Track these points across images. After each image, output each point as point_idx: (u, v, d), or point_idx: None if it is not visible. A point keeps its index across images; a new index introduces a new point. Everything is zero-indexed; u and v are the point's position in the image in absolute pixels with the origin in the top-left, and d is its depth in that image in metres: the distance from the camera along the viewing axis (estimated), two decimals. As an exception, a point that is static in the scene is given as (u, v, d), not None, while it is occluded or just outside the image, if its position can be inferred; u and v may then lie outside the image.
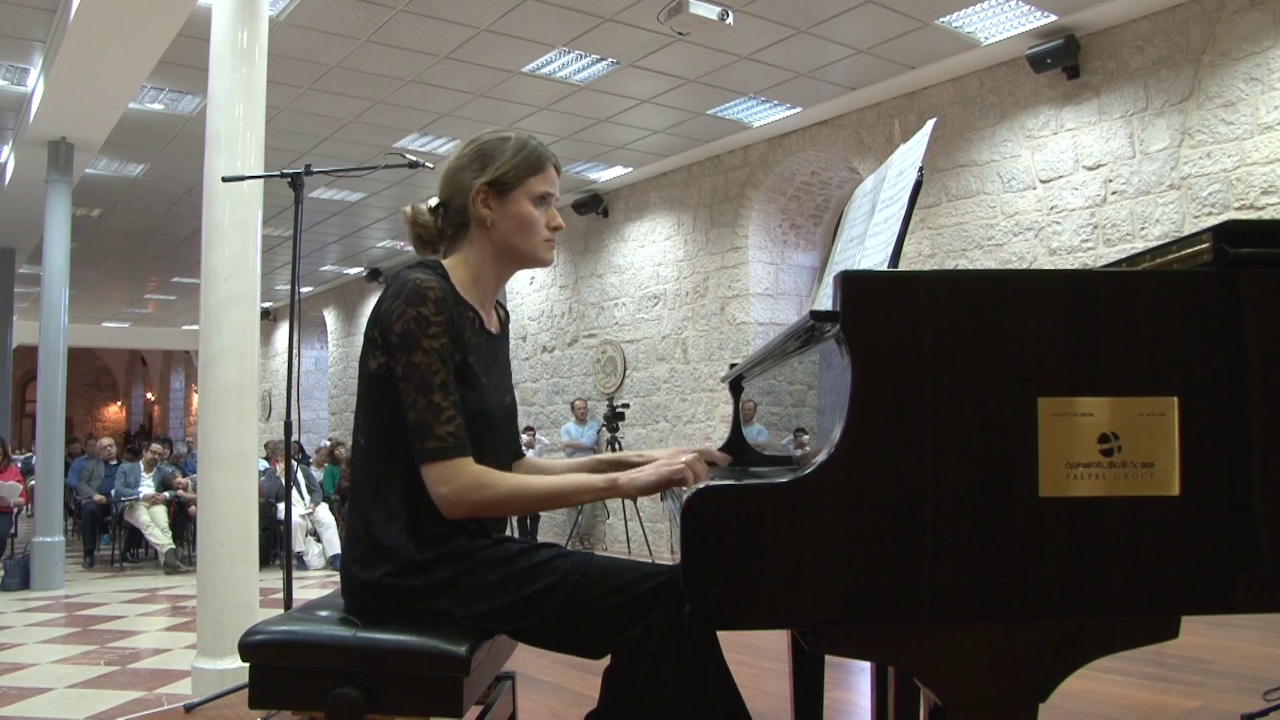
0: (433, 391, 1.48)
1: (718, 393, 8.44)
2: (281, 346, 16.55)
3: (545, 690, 3.68)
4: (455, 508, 1.48)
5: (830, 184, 8.42)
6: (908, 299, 1.14)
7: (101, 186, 9.11)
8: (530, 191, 1.62)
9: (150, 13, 5.15)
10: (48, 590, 6.93)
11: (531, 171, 1.62)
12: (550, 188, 1.65)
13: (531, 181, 1.62)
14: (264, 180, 3.81)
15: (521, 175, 1.62)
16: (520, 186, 1.62)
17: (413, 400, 1.48)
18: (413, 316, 1.49)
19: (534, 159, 1.63)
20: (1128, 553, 1.11)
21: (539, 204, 1.63)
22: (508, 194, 1.62)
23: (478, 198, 1.62)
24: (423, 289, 1.50)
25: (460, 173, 1.64)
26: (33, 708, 3.63)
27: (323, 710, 1.43)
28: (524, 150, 1.63)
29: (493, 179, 1.61)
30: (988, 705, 1.14)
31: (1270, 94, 5.21)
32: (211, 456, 3.73)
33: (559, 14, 5.71)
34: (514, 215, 1.62)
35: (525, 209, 1.62)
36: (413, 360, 1.49)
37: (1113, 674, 3.58)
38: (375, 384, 1.55)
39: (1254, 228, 1.15)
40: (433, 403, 1.48)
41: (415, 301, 1.49)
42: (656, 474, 1.46)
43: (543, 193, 1.63)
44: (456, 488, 1.47)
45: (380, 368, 1.54)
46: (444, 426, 1.48)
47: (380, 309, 1.54)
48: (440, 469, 1.47)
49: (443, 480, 1.47)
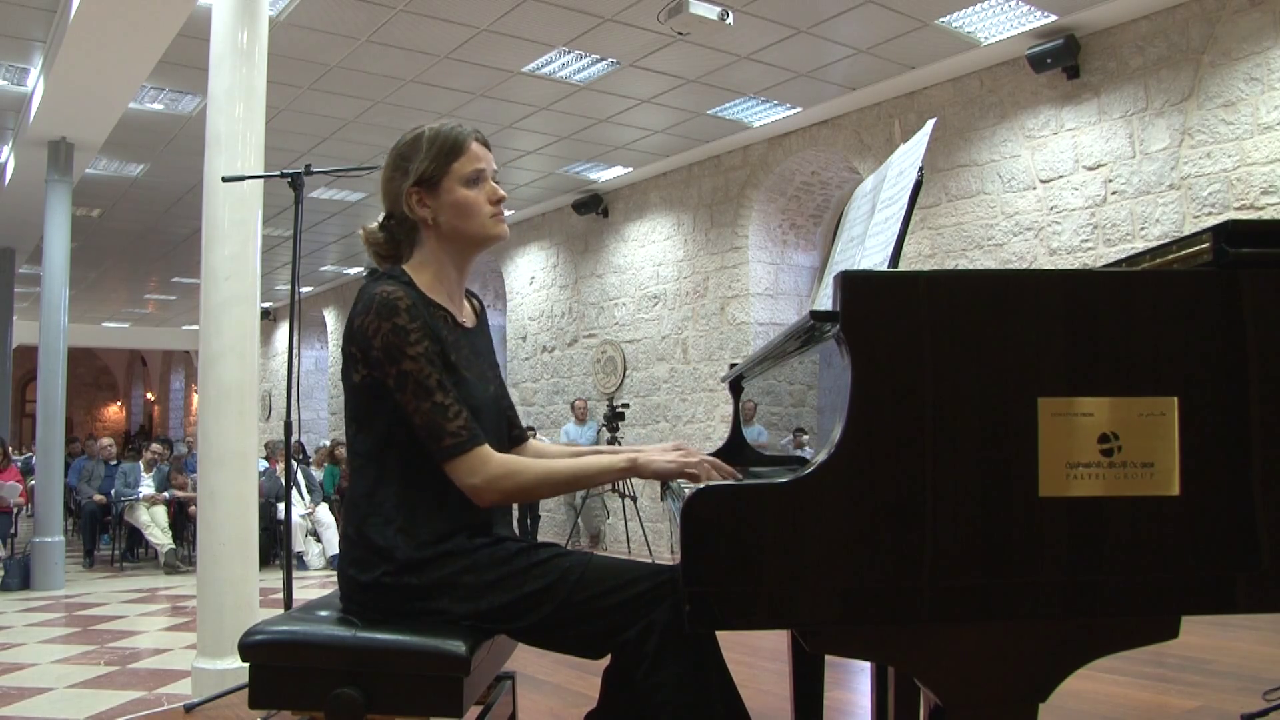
0: (432, 393, 1.49)
1: (718, 393, 8.44)
2: (281, 346, 16.55)
3: (545, 690, 3.68)
4: (487, 495, 1.50)
5: (830, 184, 8.42)
6: (908, 299, 1.14)
7: (101, 186, 9.11)
8: (458, 176, 1.62)
9: (150, 13, 5.15)
10: (48, 590, 6.93)
11: (452, 157, 1.62)
12: (478, 164, 1.63)
13: (455, 166, 1.62)
14: (264, 180, 3.81)
15: (443, 164, 1.61)
16: (447, 175, 1.62)
17: (415, 407, 1.49)
18: (389, 329, 1.50)
19: (450, 144, 1.62)
20: (1128, 553, 1.11)
21: (472, 184, 1.63)
22: (437, 186, 1.62)
23: (411, 200, 1.62)
24: (391, 301, 1.51)
25: (389, 183, 1.65)
26: (33, 708, 3.63)
27: (323, 710, 1.43)
28: (438, 140, 1.62)
29: (418, 178, 1.61)
30: (988, 705, 1.14)
31: (1270, 94, 5.21)
32: (211, 456, 3.73)
33: (559, 14, 5.71)
34: (450, 204, 1.62)
35: (459, 194, 1.62)
36: (403, 370, 1.50)
37: (1113, 674, 3.58)
38: (361, 394, 1.57)
39: (1254, 228, 1.15)
40: (436, 404, 1.49)
41: (388, 314, 1.50)
42: (675, 461, 1.50)
43: (471, 172, 1.62)
44: (486, 477, 1.49)
45: (365, 379, 1.55)
46: (454, 422, 1.49)
47: (353, 325, 1.55)
48: (464, 462, 1.49)
49: (470, 472, 1.49)
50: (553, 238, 10.65)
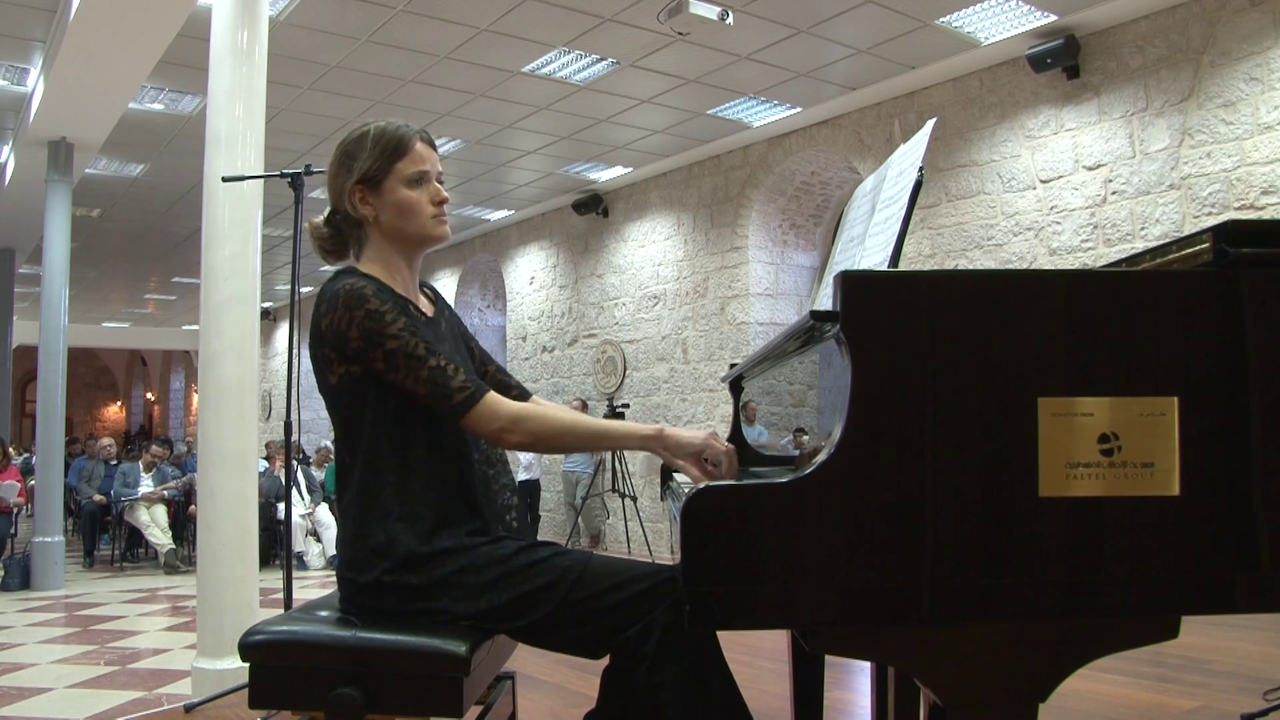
0: (426, 359, 1.50)
1: (718, 393, 8.44)
2: (281, 346, 16.55)
3: (545, 690, 3.68)
4: (514, 436, 1.50)
5: (830, 184, 8.42)
6: (908, 299, 1.14)
7: (101, 186, 9.11)
8: (400, 176, 1.61)
9: (150, 13, 5.15)
10: (48, 590, 6.93)
11: (395, 157, 1.60)
12: (422, 165, 1.62)
13: (398, 166, 1.60)
14: (264, 180, 3.81)
15: (386, 164, 1.60)
16: (389, 174, 1.60)
17: (415, 378, 1.49)
18: (363, 316, 1.50)
19: (394, 144, 1.61)
20: (1128, 553, 1.11)
21: (414, 185, 1.61)
22: (380, 186, 1.61)
23: (354, 198, 1.62)
24: (356, 291, 1.51)
25: (334, 179, 1.65)
26: (33, 708, 3.63)
27: (323, 710, 1.43)
28: (382, 139, 1.61)
29: (360, 176, 1.61)
30: (988, 705, 1.14)
31: (1270, 94, 5.21)
32: (211, 456, 3.73)
33: (559, 14, 5.71)
34: (392, 204, 1.61)
35: (400, 195, 1.61)
36: (389, 350, 1.49)
37: (1113, 674, 3.58)
38: (341, 393, 1.56)
39: (1254, 228, 1.15)
40: (433, 367, 1.50)
41: (357, 304, 1.50)
42: (703, 440, 1.48)
43: (414, 173, 1.61)
44: (509, 416, 1.50)
45: (343, 378, 1.54)
46: (456, 378, 1.50)
47: (320, 328, 1.54)
48: (480, 410, 1.50)
49: (492, 417, 1.50)
50: (553, 238, 10.65)
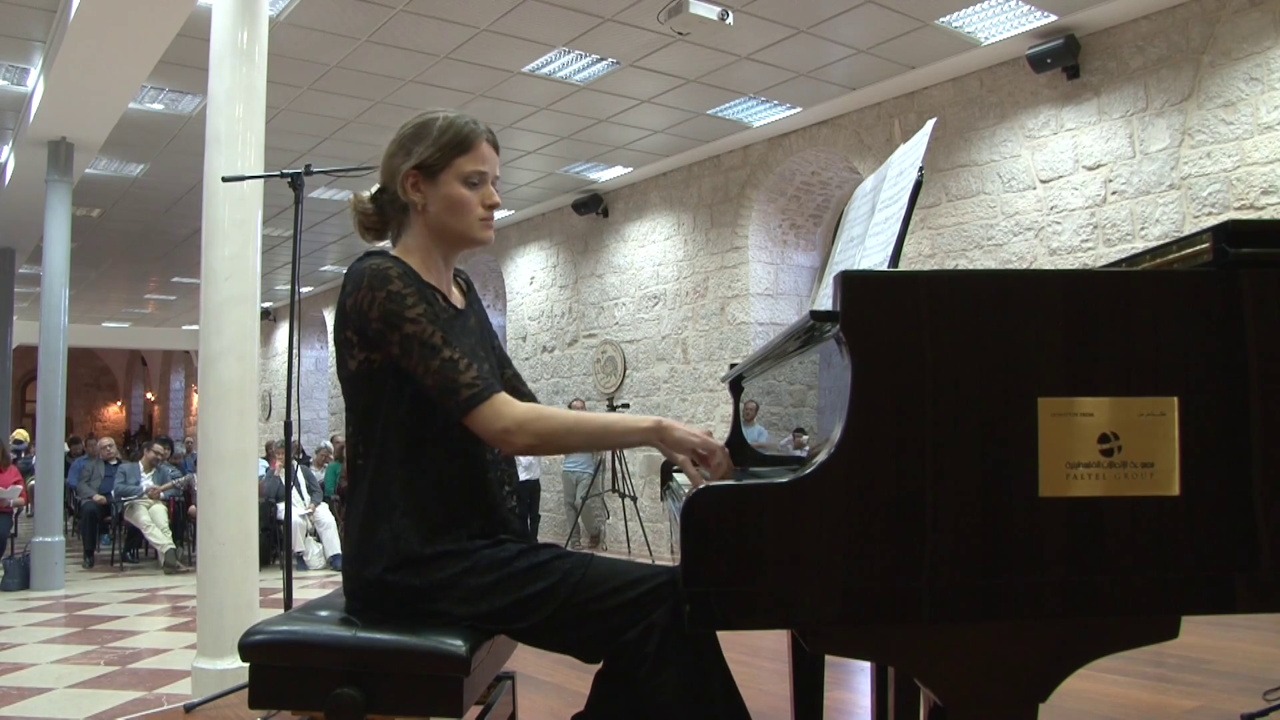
0: (439, 350, 1.47)
1: (718, 393, 8.44)
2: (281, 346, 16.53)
3: (545, 690, 3.68)
4: (519, 439, 1.47)
5: (830, 184, 8.42)
6: (908, 299, 1.14)
7: (101, 186, 9.11)
8: (459, 172, 1.59)
9: (150, 13, 5.15)
10: (48, 590, 6.93)
11: (458, 152, 1.58)
12: (481, 166, 1.60)
13: (459, 162, 1.58)
14: (264, 180, 3.81)
15: (448, 157, 1.58)
16: (448, 168, 1.58)
17: (425, 367, 1.47)
18: (385, 297, 1.48)
19: (460, 139, 1.59)
20: (1128, 553, 1.11)
21: (470, 184, 1.60)
22: (436, 176, 1.59)
23: (406, 182, 1.60)
24: (381, 271, 1.50)
25: (391, 159, 1.62)
26: (33, 708, 3.63)
27: (323, 710, 1.43)
28: (449, 131, 1.59)
29: (418, 163, 1.58)
30: (988, 705, 1.14)
31: (1270, 94, 5.21)
32: (211, 456, 3.73)
33: (559, 14, 5.71)
34: (443, 197, 1.59)
35: (454, 190, 1.59)
36: (405, 334, 1.48)
37: (1113, 674, 3.58)
38: (358, 383, 1.55)
39: (1254, 228, 1.15)
40: (445, 359, 1.47)
41: (380, 284, 1.49)
42: (699, 437, 1.47)
43: (473, 172, 1.59)
44: (515, 419, 1.47)
45: (361, 365, 1.53)
46: (467, 374, 1.47)
47: (345, 307, 1.53)
48: (487, 409, 1.47)
49: (497, 417, 1.47)
50: (553, 238, 10.65)
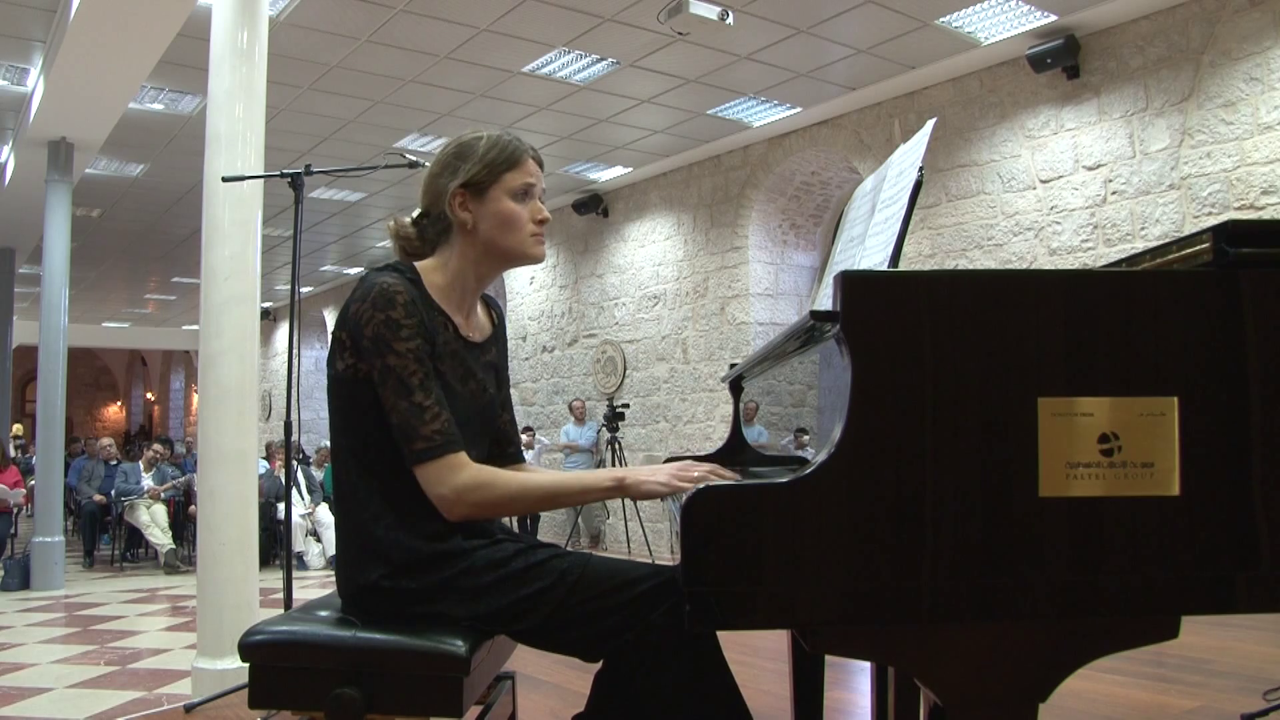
0: (412, 393, 1.45)
1: (718, 393, 8.44)
2: (281, 346, 16.53)
3: (545, 690, 3.68)
4: (456, 508, 1.46)
5: (830, 184, 8.42)
6: (908, 299, 1.14)
7: (101, 186, 9.11)
8: (508, 187, 1.58)
9: (150, 13, 5.15)
10: (48, 590, 6.93)
11: (507, 167, 1.58)
12: (530, 179, 1.59)
13: (508, 177, 1.58)
14: (264, 180, 3.81)
15: (496, 172, 1.58)
16: (496, 184, 1.58)
17: (394, 404, 1.45)
18: (381, 320, 1.46)
19: (507, 154, 1.59)
20: (1128, 553, 1.11)
21: (520, 199, 1.59)
22: (484, 193, 1.58)
23: (455, 201, 1.58)
24: (390, 293, 1.48)
25: (437, 179, 1.61)
26: (33, 708, 3.63)
27: (323, 710, 1.43)
28: (496, 147, 1.59)
29: (466, 180, 1.57)
30: (988, 705, 1.14)
31: (1270, 94, 5.21)
32: (211, 456, 3.73)
33: (559, 14, 5.71)
34: (494, 214, 1.58)
35: (505, 206, 1.58)
36: (387, 364, 1.46)
37: (1113, 674, 3.58)
38: (342, 385, 1.53)
39: (1254, 228, 1.15)
40: (414, 404, 1.45)
41: (383, 305, 1.47)
42: (668, 480, 1.44)
43: (522, 185, 1.59)
44: (455, 487, 1.45)
45: (348, 369, 1.51)
46: (429, 425, 1.45)
47: (348, 312, 1.51)
48: (434, 469, 1.45)
49: (439, 480, 1.45)
50: (552, 238, 10.64)
